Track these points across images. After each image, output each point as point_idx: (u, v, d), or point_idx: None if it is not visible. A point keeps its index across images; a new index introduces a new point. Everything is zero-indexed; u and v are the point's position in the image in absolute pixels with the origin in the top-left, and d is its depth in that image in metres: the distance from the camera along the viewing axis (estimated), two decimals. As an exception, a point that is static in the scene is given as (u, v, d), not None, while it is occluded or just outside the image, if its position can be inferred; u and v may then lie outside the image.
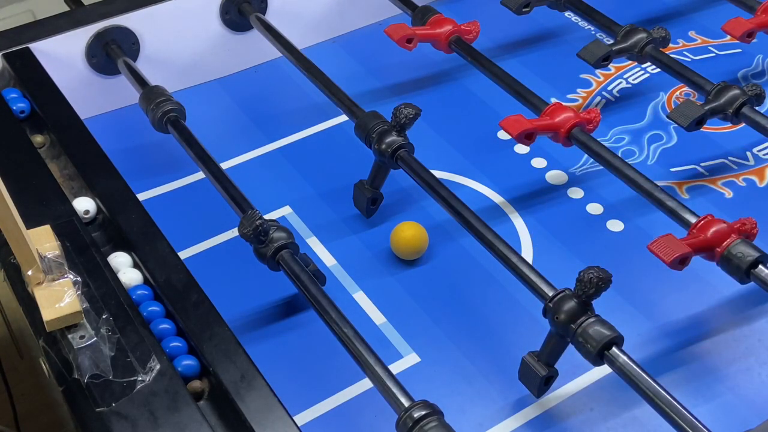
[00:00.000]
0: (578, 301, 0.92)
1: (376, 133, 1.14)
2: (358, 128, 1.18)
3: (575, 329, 0.91)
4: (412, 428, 0.84)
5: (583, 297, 0.91)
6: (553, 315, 0.93)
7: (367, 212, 1.19)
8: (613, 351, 0.90)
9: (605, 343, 0.90)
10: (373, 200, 1.18)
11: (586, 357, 0.91)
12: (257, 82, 1.47)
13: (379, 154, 1.14)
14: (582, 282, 0.91)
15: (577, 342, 0.91)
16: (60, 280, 0.93)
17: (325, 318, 0.96)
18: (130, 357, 0.90)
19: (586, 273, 0.91)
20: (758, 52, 1.45)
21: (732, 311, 1.08)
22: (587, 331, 0.90)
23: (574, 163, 1.28)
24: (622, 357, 0.90)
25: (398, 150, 1.13)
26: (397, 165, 1.14)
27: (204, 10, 1.42)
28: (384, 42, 1.35)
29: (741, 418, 0.97)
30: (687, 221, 1.05)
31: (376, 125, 1.15)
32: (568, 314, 0.92)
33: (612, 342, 0.90)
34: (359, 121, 1.18)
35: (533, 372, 0.95)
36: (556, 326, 0.93)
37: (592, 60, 1.28)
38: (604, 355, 0.90)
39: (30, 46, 1.32)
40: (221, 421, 0.89)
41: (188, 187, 1.28)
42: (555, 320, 0.93)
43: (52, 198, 1.08)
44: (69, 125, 1.21)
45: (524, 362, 0.97)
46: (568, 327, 0.91)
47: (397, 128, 1.14)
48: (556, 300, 0.93)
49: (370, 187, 1.18)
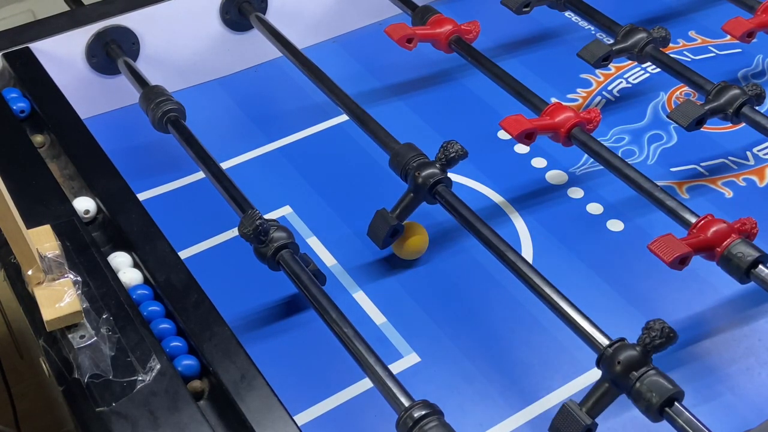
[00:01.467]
0: (641, 350, 0.87)
1: (416, 164, 1.10)
2: (394, 160, 1.13)
3: (634, 381, 0.86)
4: (412, 428, 0.84)
5: (648, 347, 0.87)
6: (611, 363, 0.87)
7: (383, 243, 1.13)
8: (676, 407, 0.86)
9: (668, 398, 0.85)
10: (394, 231, 1.12)
11: (645, 411, 0.87)
12: (257, 82, 1.47)
13: (415, 185, 1.10)
14: (651, 330, 0.87)
15: (636, 394, 0.87)
16: (60, 280, 0.93)
17: (325, 318, 0.96)
18: (130, 357, 0.90)
19: (656, 323, 0.87)
20: (758, 52, 1.45)
21: (732, 311, 1.08)
22: (649, 383, 0.86)
23: (574, 163, 1.28)
24: (686, 414, 0.85)
25: (437, 184, 1.09)
26: (435, 199, 1.10)
27: (204, 10, 1.42)
28: (384, 42, 1.35)
29: (741, 418, 0.97)
30: (687, 221, 1.05)
31: (413, 157, 1.11)
32: (628, 364, 0.87)
33: (673, 398, 0.86)
34: (394, 153, 1.14)
35: (575, 422, 0.88)
36: (611, 374, 0.88)
37: (592, 60, 1.28)
38: (664, 412, 0.86)
39: (30, 46, 1.32)
40: (221, 421, 0.89)
41: (188, 187, 1.28)
42: (612, 369, 0.87)
43: (52, 198, 1.08)
44: (69, 125, 1.21)
45: (564, 410, 0.89)
46: (627, 377, 0.87)
47: (442, 162, 1.10)
48: (615, 347, 0.88)
49: (394, 216, 1.11)
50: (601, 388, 0.89)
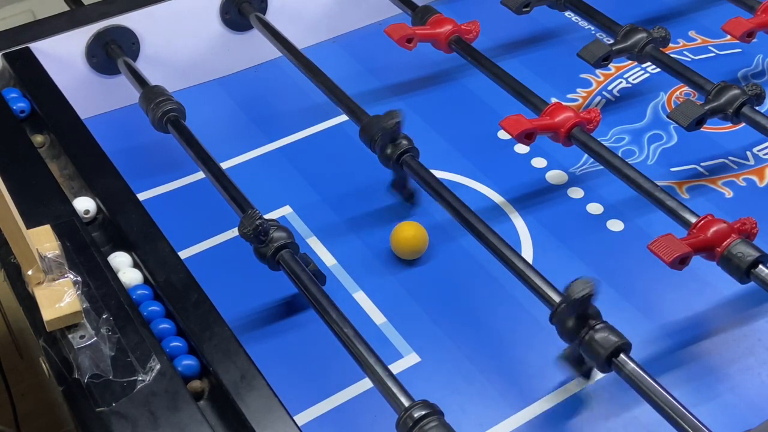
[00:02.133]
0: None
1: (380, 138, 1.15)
2: (364, 132, 1.17)
3: (583, 336, 0.91)
4: (412, 428, 0.84)
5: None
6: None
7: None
8: (621, 358, 0.90)
9: (613, 350, 0.89)
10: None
11: (595, 363, 0.92)
12: (257, 82, 1.47)
13: (384, 159, 1.15)
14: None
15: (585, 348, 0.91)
16: (60, 280, 0.93)
17: (325, 318, 0.96)
18: (130, 357, 0.90)
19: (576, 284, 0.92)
20: (758, 52, 1.45)
21: (732, 311, 1.08)
22: (595, 337, 0.91)
23: (574, 163, 1.28)
24: (631, 364, 0.90)
25: (403, 155, 1.13)
26: (402, 168, 1.14)
27: (204, 10, 1.42)
28: (384, 42, 1.35)
29: (741, 418, 0.97)
30: (687, 221, 1.05)
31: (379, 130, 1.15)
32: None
33: (619, 349, 0.90)
34: (364, 125, 1.17)
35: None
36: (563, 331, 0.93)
37: (592, 60, 1.28)
38: (612, 362, 0.90)
39: (30, 46, 1.32)
40: (221, 421, 0.89)
41: (188, 187, 1.28)
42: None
43: (52, 198, 1.08)
44: (69, 125, 1.21)
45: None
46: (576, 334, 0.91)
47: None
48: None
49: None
50: None
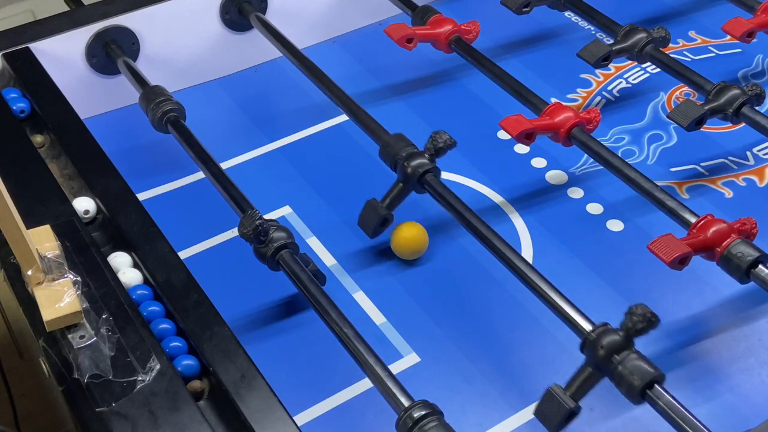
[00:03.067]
0: (624, 335, 0.88)
1: (405, 155, 1.11)
2: (384, 150, 1.14)
3: (616, 365, 0.87)
4: (412, 428, 0.84)
5: (630, 331, 0.87)
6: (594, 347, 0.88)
7: (373, 232, 1.13)
8: (656, 389, 0.86)
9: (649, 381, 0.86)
10: (384, 220, 1.12)
11: (627, 394, 0.87)
12: (257, 82, 1.47)
13: (404, 175, 1.11)
14: (633, 315, 0.87)
15: (619, 377, 0.87)
16: (60, 280, 0.93)
17: (325, 318, 0.96)
18: (130, 357, 0.90)
19: (639, 307, 0.87)
20: (758, 52, 1.45)
21: (732, 311, 1.08)
22: (631, 366, 0.86)
23: (574, 163, 1.28)
24: (666, 396, 0.86)
25: (426, 174, 1.10)
26: (424, 189, 1.11)
27: (204, 10, 1.42)
28: (384, 42, 1.35)
29: (741, 418, 0.97)
30: (687, 221, 1.05)
31: (403, 148, 1.12)
32: (610, 348, 0.87)
33: (654, 381, 0.86)
34: (384, 143, 1.14)
35: (559, 405, 0.88)
36: (594, 359, 0.89)
37: (592, 60, 1.28)
38: (645, 394, 0.87)
39: (30, 46, 1.32)
40: (221, 421, 0.89)
41: (188, 187, 1.28)
42: (595, 353, 0.88)
43: (52, 198, 1.08)
44: (69, 125, 1.21)
45: (549, 394, 0.89)
46: (609, 361, 0.87)
47: (431, 152, 1.11)
48: (598, 332, 0.89)
49: (384, 206, 1.12)
50: (584, 372, 0.90)
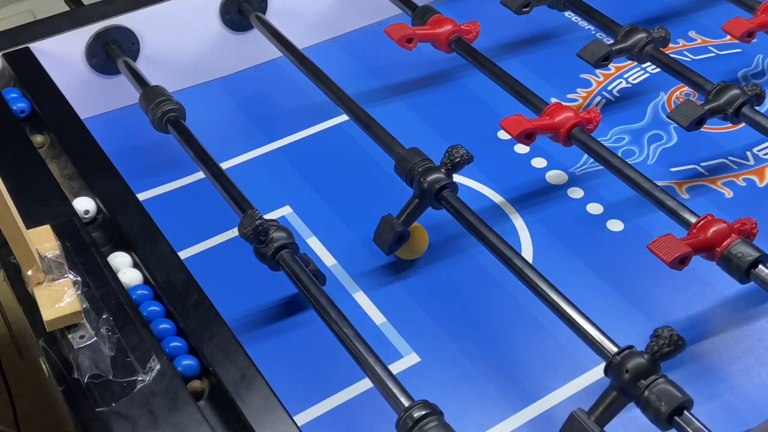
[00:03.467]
0: (649, 358, 0.86)
1: (421, 169, 1.09)
2: (399, 165, 1.12)
3: (643, 389, 0.85)
4: (412, 428, 0.84)
5: (656, 355, 0.86)
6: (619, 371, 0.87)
7: (389, 249, 1.11)
8: (685, 416, 0.85)
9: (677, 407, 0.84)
10: (400, 237, 1.11)
11: (654, 420, 0.86)
12: (257, 82, 1.47)
13: (421, 191, 1.09)
14: (659, 338, 0.86)
15: (645, 402, 0.86)
16: (60, 280, 0.93)
17: (325, 318, 0.96)
18: (130, 357, 0.90)
19: (665, 330, 0.86)
20: (758, 52, 1.45)
21: (732, 311, 1.08)
22: (658, 391, 0.85)
23: (574, 163, 1.28)
24: (695, 423, 0.84)
25: (443, 189, 1.09)
26: (440, 204, 1.09)
27: (204, 10, 1.42)
28: (384, 42, 1.35)
29: (741, 418, 0.97)
30: (687, 221, 1.05)
31: (419, 162, 1.10)
32: (636, 372, 0.86)
33: (682, 407, 0.85)
34: (399, 158, 1.13)
35: (584, 430, 0.86)
36: (619, 383, 0.87)
37: (592, 60, 1.28)
38: (673, 420, 0.85)
39: (30, 46, 1.32)
40: (221, 421, 0.89)
41: (188, 187, 1.28)
42: (620, 377, 0.86)
43: (52, 198, 1.08)
44: (69, 125, 1.21)
45: (573, 418, 0.87)
46: (635, 385, 0.86)
47: (447, 167, 1.09)
48: (623, 355, 0.87)
49: (400, 222, 1.10)
50: (609, 396, 0.88)
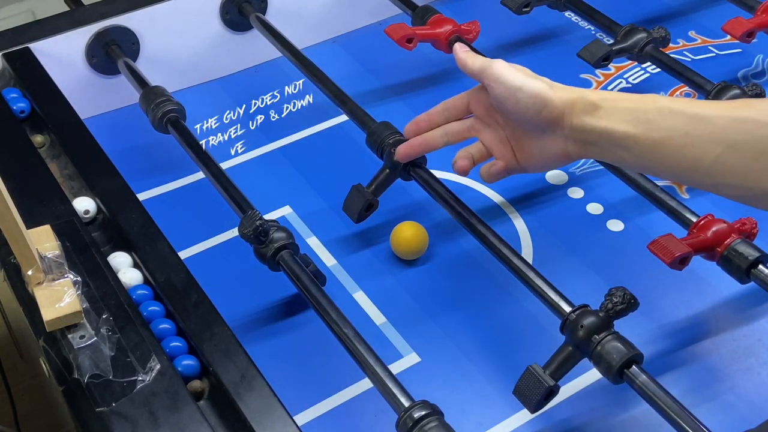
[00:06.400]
0: (603, 316, 0.90)
1: (392, 141, 1.11)
2: (370, 138, 1.15)
3: (595, 345, 0.89)
4: (412, 428, 0.84)
5: (610, 312, 0.90)
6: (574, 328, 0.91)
7: (358, 217, 1.14)
8: (634, 369, 0.89)
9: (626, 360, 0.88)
10: (368, 205, 1.13)
11: (605, 373, 0.90)
12: (257, 82, 1.47)
13: (391, 162, 1.11)
14: (613, 296, 0.91)
15: (597, 357, 0.89)
16: (60, 280, 0.93)
17: (325, 318, 0.96)
18: (130, 357, 0.90)
19: (618, 290, 0.91)
20: (758, 52, 1.45)
21: (732, 311, 1.08)
22: (609, 347, 0.89)
23: (574, 163, 1.28)
24: (643, 376, 0.88)
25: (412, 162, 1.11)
26: (410, 176, 1.12)
27: (204, 10, 1.42)
28: (384, 42, 1.35)
29: (741, 418, 0.97)
30: (687, 221, 1.05)
31: (389, 135, 1.12)
32: (590, 328, 0.90)
33: (631, 360, 0.88)
34: (371, 131, 1.15)
35: (538, 383, 0.90)
36: (574, 339, 0.91)
37: (592, 60, 1.28)
38: (623, 373, 0.89)
39: (30, 46, 1.32)
40: (221, 421, 0.89)
41: (188, 187, 1.28)
42: (574, 333, 0.90)
43: (52, 198, 1.08)
44: (69, 125, 1.21)
45: (528, 372, 0.92)
46: (589, 341, 0.90)
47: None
48: (578, 313, 0.91)
49: (370, 191, 1.13)
50: (564, 352, 0.92)
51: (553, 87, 0.91)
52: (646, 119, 0.84)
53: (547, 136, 0.92)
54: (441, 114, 1.01)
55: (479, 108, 0.98)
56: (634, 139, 0.85)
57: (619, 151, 0.87)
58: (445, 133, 1.01)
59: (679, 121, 0.82)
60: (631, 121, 0.85)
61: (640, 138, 0.84)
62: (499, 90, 0.92)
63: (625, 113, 0.86)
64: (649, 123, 0.84)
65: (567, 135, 0.90)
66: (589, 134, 0.88)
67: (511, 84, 0.91)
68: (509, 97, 0.91)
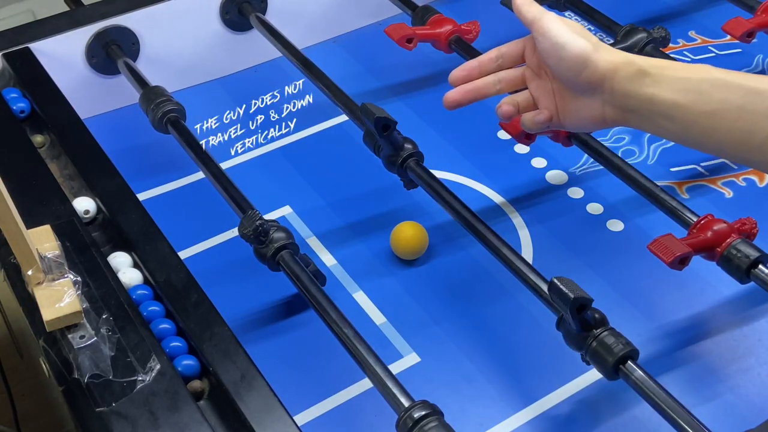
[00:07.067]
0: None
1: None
2: (368, 137, 1.14)
3: (591, 341, 0.90)
4: (412, 428, 0.84)
5: None
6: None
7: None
8: (629, 365, 0.89)
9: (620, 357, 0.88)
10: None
11: (601, 370, 0.90)
12: (257, 82, 1.47)
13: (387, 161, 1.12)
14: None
15: (593, 353, 0.90)
16: (60, 280, 0.93)
17: (325, 318, 0.96)
18: (130, 357, 0.90)
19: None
20: (758, 52, 1.45)
21: (732, 311, 1.08)
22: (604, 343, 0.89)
23: (574, 163, 1.28)
24: (638, 372, 0.88)
25: (408, 158, 1.11)
26: (405, 173, 1.12)
27: (204, 10, 1.42)
28: (384, 42, 1.35)
29: (741, 418, 0.97)
30: (687, 221, 1.05)
31: None
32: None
33: (627, 356, 0.89)
34: (368, 130, 1.14)
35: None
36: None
37: (592, 60, 1.28)
38: (619, 370, 0.89)
39: (30, 46, 1.32)
40: (221, 421, 0.89)
41: (188, 187, 1.28)
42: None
43: (52, 198, 1.08)
44: (69, 125, 1.21)
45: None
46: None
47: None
48: None
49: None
50: None
51: (599, 49, 0.87)
52: (698, 90, 0.81)
53: (586, 98, 0.89)
54: (494, 61, 0.96)
55: (533, 57, 0.94)
56: (682, 109, 0.82)
57: (662, 121, 0.84)
58: (498, 80, 0.96)
59: (735, 93, 0.80)
60: (680, 91, 0.82)
61: (690, 109, 0.82)
62: (545, 45, 0.89)
63: (675, 82, 0.83)
64: (701, 94, 0.81)
65: (606, 99, 0.87)
66: (630, 101, 0.85)
67: (556, 40, 0.88)
68: (553, 54, 0.88)
